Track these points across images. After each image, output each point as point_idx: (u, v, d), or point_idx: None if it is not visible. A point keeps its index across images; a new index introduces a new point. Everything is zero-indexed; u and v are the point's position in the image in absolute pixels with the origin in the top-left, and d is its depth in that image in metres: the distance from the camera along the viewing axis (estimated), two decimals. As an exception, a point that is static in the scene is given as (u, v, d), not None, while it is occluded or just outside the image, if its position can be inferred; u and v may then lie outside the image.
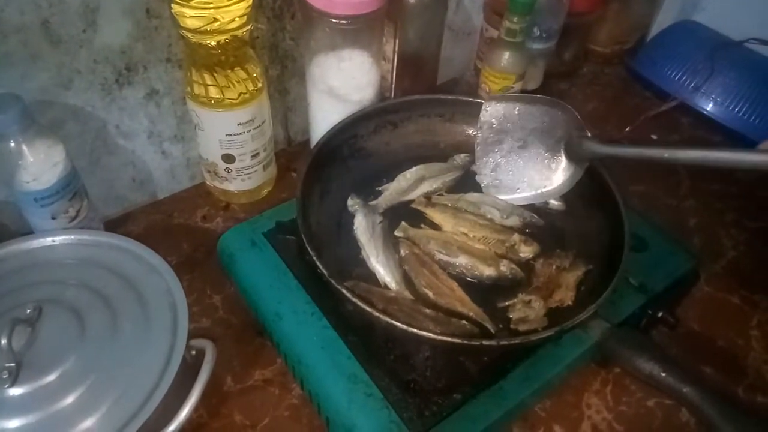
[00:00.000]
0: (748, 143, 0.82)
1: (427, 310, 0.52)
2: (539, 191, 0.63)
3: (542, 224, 0.62)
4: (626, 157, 0.58)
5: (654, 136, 0.84)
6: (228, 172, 0.66)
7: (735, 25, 0.87)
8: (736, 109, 0.83)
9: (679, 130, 0.86)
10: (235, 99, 0.59)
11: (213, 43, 0.55)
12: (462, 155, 0.67)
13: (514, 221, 0.61)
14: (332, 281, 0.48)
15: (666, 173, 0.79)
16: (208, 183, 0.70)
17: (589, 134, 0.59)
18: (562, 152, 0.61)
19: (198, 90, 0.59)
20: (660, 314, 0.56)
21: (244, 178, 0.67)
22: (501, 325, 0.52)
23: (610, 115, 0.88)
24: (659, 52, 0.90)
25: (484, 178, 0.64)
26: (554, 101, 0.61)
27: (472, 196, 0.64)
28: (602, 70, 0.96)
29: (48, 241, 0.54)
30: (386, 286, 0.54)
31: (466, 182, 0.66)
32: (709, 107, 0.84)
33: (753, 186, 0.78)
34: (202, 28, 0.54)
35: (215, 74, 0.58)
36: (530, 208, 0.63)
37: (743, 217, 0.73)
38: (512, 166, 0.64)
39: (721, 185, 0.77)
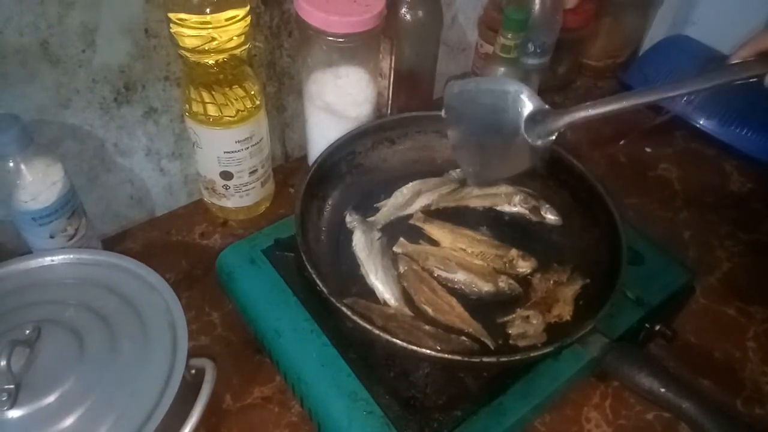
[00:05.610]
0: (741, 156, 0.83)
1: (427, 327, 0.52)
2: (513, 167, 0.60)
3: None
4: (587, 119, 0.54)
5: (648, 149, 0.85)
6: (226, 188, 0.66)
7: (725, 39, 0.87)
8: (729, 122, 0.83)
9: (672, 143, 0.86)
10: (233, 116, 0.60)
11: (211, 62, 0.56)
12: (458, 170, 0.67)
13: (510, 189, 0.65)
14: (331, 298, 0.48)
15: (660, 186, 0.80)
16: (206, 200, 0.70)
17: (545, 107, 0.55)
18: (523, 131, 0.56)
19: (196, 108, 0.59)
20: (657, 327, 0.56)
21: (242, 194, 0.67)
22: (500, 341, 0.52)
23: (604, 127, 0.88)
24: (651, 66, 0.91)
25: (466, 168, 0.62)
26: (508, 80, 0.59)
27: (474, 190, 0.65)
28: (596, 84, 0.97)
29: (46, 260, 0.53)
30: (385, 303, 0.55)
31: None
32: (701, 121, 0.85)
33: (747, 198, 0.79)
34: (200, 48, 0.54)
35: (213, 92, 0.58)
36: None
37: (737, 228, 0.74)
38: (483, 150, 0.60)
39: (714, 197, 0.78)
